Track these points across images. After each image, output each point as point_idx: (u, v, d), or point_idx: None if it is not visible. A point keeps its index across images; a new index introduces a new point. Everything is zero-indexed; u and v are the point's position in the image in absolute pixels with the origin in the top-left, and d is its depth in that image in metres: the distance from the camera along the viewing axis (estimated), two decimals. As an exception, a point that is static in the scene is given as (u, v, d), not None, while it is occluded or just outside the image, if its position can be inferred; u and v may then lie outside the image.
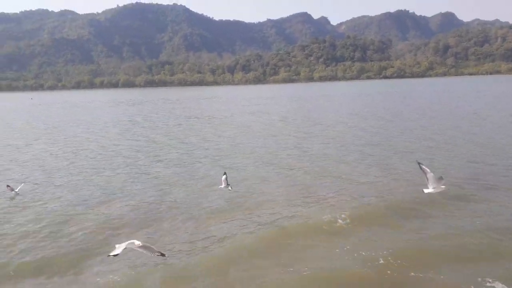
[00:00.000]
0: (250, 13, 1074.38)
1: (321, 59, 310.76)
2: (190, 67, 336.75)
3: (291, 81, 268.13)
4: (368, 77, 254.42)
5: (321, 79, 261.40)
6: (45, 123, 45.12)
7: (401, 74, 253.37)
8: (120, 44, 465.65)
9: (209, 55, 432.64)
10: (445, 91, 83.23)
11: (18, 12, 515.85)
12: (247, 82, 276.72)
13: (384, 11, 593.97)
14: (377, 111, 43.91)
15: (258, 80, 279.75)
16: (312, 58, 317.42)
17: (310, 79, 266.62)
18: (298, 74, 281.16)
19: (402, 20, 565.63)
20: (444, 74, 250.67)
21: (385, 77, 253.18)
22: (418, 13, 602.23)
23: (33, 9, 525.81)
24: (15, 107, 79.40)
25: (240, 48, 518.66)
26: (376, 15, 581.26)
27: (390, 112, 41.43)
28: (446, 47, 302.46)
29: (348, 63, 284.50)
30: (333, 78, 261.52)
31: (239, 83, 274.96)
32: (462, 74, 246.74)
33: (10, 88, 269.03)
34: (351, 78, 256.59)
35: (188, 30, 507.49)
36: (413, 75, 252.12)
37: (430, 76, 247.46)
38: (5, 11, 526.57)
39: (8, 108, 77.60)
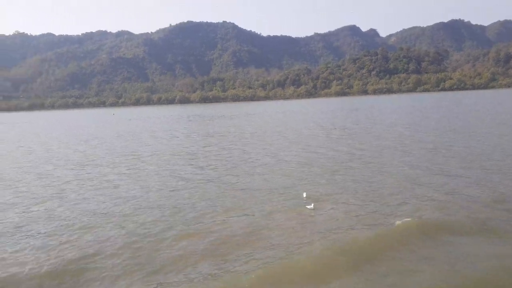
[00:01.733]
0: (297, 28, 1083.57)
1: (374, 72, 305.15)
2: (241, 83, 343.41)
3: (344, 94, 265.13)
4: (426, 90, 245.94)
5: (376, 92, 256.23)
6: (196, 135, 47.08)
7: (461, 86, 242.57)
8: (172, 62, 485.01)
9: (257, 71, 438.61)
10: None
11: (80, 34, 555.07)
12: (298, 96, 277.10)
13: (436, 21, 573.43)
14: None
15: (310, 94, 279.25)
16: (364, 71, 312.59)
17: (364, 92, 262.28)
18: (351, 87, 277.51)
19: (456, 30, 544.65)
20: (509, 86, 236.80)
21: (444, 90, 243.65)
22: (473, 22, 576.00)
23: (93, 31, 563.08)
24: (120, 122, 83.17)
25: (288, 63, 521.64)
26: (428, 26, 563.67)
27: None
28: (508, 57, 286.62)
29: (403, 75, 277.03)
30: (388, 91, 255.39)
31: (290, 97, 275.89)
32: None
33: (76, 105, 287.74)
34: (408, 91, 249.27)
35: (237, 47, 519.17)
36: (474, 87, 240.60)
37: (494, 87, 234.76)
38: (69, 34, 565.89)
39: (120, 123, 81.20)
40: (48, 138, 51.01)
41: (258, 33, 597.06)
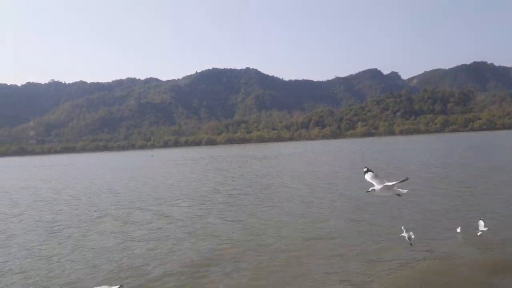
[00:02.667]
0: (318, 72, 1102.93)
1: (398, 113, 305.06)
2: (265, 124, 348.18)
3: (370, 134, 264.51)
4: (454, 130, 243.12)
5: (403, 132, 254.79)
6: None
7: (490, 126, 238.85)
8: (198, 106, 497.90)
9: (279, 113, 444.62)
10: None
11: (110, 81, 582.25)
12: (323, 137, 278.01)
13: (458, 63, 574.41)
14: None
15: (335, 135, 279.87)
16: (388, 112, 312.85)
17: (391, 132, 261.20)
18: (376, 128, 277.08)
19: (479, 72, 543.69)
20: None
21: (472, 130, 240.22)
22: (496, 64, 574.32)
23: (123, 78, 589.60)
24: (168, 164, 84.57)
25: (309, 105, 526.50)
26: (450, 68, 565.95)
27: None
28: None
29: (429, 115, 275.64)
30: (416, 131, 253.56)
31: (315, 138, 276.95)
32: None
33: (106, 148, 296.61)
34: (435, 131, 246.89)
35: (260, 91, 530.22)
36: (504, 127, 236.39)
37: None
38: (100, 81, 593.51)
39: (167, 164, 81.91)
40: (125, 184, 52.84)
41: (280, 78, 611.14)
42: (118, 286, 10.09)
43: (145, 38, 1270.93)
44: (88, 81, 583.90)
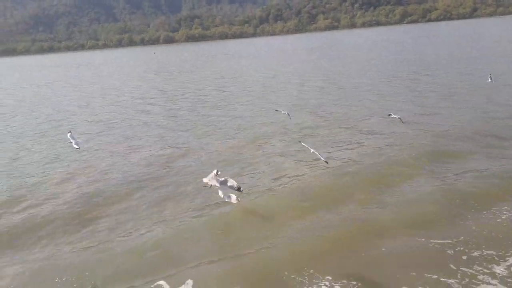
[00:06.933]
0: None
1: (357, 5, 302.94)
2: (222, 20, 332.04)
3: (333, 28, 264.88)
4: (413, 21, 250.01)
5: (365, 25, 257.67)
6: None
7: (447, 16, 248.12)
8: (140, 0, 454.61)
9: (231, 7, 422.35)
10: None
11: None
12: (288, 31, 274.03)
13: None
14: None
15: (299, 29, 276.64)
16: (347, 4, 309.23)
17: (353, 25, 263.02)
18: (338, 21, 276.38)
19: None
20: (491, 15, 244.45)
21: (430, 20, 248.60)
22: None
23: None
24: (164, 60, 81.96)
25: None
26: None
27: None
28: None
29: (388, 7, 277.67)
30: (377, 23, 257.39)
31: (280, 33, 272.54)
32: (510, 13, 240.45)
33: (52, 49, 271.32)
34: (395, 23, 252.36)
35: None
36: (459, 17, 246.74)
37: (478, 17, 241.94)
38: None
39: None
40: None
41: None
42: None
43: None
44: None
